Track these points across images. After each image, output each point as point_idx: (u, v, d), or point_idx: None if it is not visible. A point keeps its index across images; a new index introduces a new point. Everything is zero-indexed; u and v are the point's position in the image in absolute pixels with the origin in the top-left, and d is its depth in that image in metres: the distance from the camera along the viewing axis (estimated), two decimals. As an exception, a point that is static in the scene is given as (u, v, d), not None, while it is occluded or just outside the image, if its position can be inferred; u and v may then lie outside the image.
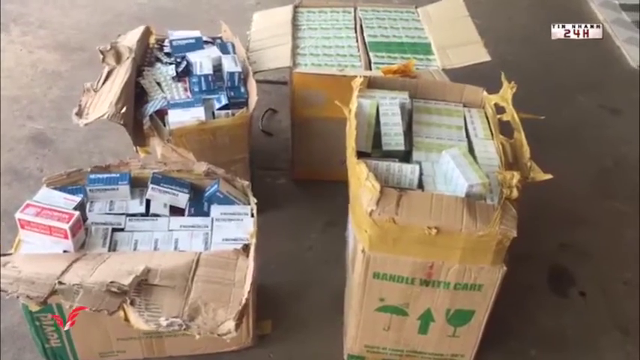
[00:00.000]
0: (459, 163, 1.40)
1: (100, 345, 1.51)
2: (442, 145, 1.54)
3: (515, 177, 1.35)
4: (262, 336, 1.67)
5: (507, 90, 1.56)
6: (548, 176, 1.42)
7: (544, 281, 1.90)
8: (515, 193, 1.35)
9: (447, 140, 1.56)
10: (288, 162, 2.23)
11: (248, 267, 1.34)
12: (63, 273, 1.25)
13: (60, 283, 1.21)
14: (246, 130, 1.84)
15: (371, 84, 1.68)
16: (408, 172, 1.41)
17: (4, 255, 1.33)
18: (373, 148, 1.54)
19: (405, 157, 1.53)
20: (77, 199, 1.44)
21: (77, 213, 1.37)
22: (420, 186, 1.43)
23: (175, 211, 1.58)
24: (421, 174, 1.43)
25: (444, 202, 1.32)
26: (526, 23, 3.22)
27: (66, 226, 1.34)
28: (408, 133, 1.57)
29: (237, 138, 1.83)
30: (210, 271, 1.33)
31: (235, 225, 1.52)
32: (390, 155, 1.51)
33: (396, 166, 1.41)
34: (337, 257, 1.87)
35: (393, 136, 1.52)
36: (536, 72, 2.75)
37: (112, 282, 1.23)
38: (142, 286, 1.26)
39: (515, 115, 1.52)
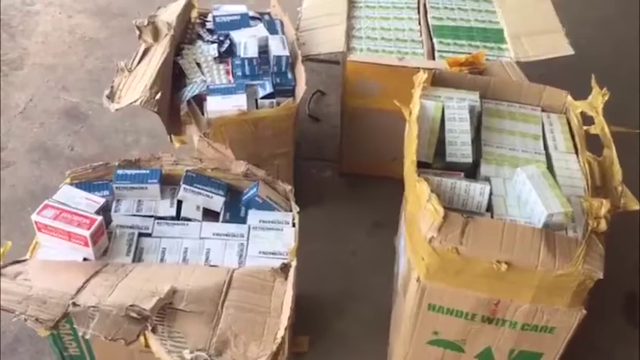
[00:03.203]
0: (537, 186, 1.19)
1: (121, 356, 1.38)
2: (516, 158, 1.33)
3: (604, 206, 1.14)
4: (298, 354, 1.52)
5: (598, 97, 1.34)
6: (644, 206, 1.20)
7: (617, 310, 1.69)
8: (603, 225, 1.14)
9: (521, 152, 1.35)
10: (335, 152, 2.05)
11: (286, 293, 1.17)
12: (79, 291, 1.11)
13: (74, 304, 1.07)
14: (292, 122, 1.66)
15: (435, 80, 1.47)
16: (476, 192, 1.21)
17: (18, 262, 1.19)
18: (434, 157, 1.35)
19: (472, 169, 1.33)
20: (100, 200, 1.29)
21: (99, 218, 1.23)
22: (489, 208, 1.23)
23: (208, 213, 1.42)
24: (490, 193, 1.24)
25: (517, 232, 1.13)
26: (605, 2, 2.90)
27: (86, 233, 1.20)
28: (476, 139, 1.37)
29: (281, 130, 1.65)
30: (244, 296, 1.17)
31: (274, 235, 1.35)
32: (455, 167, 1.31)
33: (462, 184, 1.22)
34: (384, 265, 1.70)
35: (460, 146, 1.32)
36: (615, 63, 2.45)
37: (132, 305, 1.08)
38: (166, 310, 1.11)
39: (606, 128, 1.30)
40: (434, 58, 1.75)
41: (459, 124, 1.34)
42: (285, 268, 1.24)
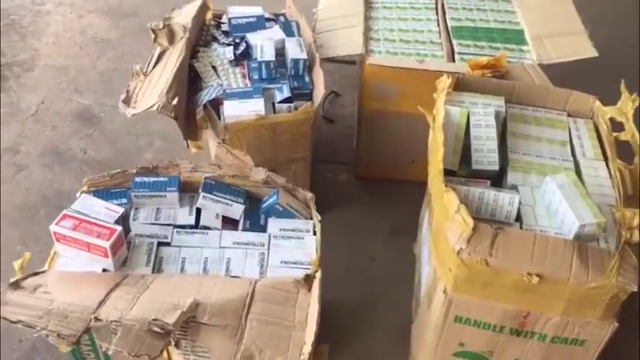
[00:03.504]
0: (568, 195, 1.16)
1: (141, 367, 1.36)
2: (543, 166, 1.30)
3: (637, 216, 1.12)
4: (318, 363, 1.49)
5: (628, 102, 1.31)
6: (676, 216, 1.17)
7: (636, 315, 1.65)
8: (636, 236, 1.11)
9: (548, 159, 1.32)
10: (351, 154, 2.02)
11: (310, 305, 1.15)
12: (100, 304, 1.09)
13: (96, 319, 1.05)
14: (310, 127, 1.63)
15: (458, 85, 1.44)
16: (505, 202, 1.18)
17: (37, 274, 1.17)
18: (460, 164, 1.32)
19: (498, 177, 1.30)
20: (120, 210, 1.26)
21: (119, 229, 1.20)
22: (517, 217, 1.20)
23: (227, 221, 1.39)
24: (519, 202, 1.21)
25: (549, 244, 1.10)
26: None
27: (106, 244, 1.18)
28: (502, 146, 1.34)
29: (299, 135, 1.62)
30: (267, 308, 1.14)
31: (295, 244, 1.33)
32: (480, 175, 1.28)
33: (491, 194, 1.19)
34: (404, 272, 1.68)
35: (486, 153, 1.29)
36: (634, 63, 2.41)
37: (154, 320, 1.06)
38: (189, 323, 1.09)
39: (637, 135, 1.27)
40: (454, 61, 1.72)
41: (484, 130, 1.31)
42: (308, 279, 1.21)
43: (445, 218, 1.14)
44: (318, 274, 1.18)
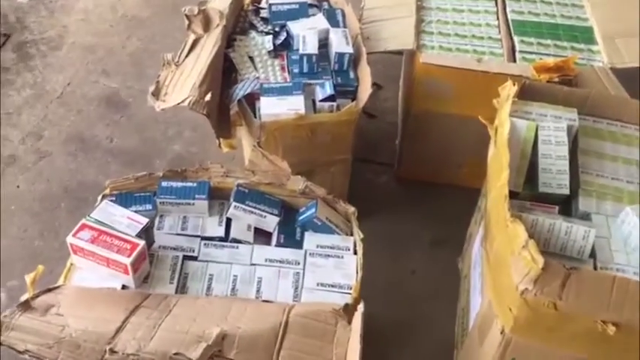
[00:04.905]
0: (652, 231, 1.01)
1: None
2: (619, 190, 1.15)
3: None
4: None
5: None
6: None
7: None
8: None
9: (625, 182, 1.17)
10: (392, 153, 1.87)
11: (350, 341, 1.02)
12: (117, 332, 0.98)
13: (111, 351, 0.94)
14: (353, 128, 1.49)
15: (524, 91, 1.28)
16: (579, 236, 1.03)
17: (51, 290, 1.06)
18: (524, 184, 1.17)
19: (567, 202, 1.15)
20: (144, 221, 1.14)
21: (142, 243, 1.09)
22: (591, 252, 1.05)
23: (259, 232, 1.27)
24: (592, 234, 1.06)
25: (629, 289, 0.95)
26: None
27: (127, 261, 1.06)
28: (572, 164, 1.18)
29: (340, 136, 1.49)
30: (302, 342, 1.02)
31: (333, 264, 1.20)
32: (547, 198, 1.13)
33: (563, 226, 1.04)
34: (447, 287, 1.55)
35: (555, 174, 1.14)
36: None
37: (176, 354, 0.95)
38: (214, 359, 0.97)
39: None
40: (514, 60, 1.55)
41: (555, 148, 1.15)
42: (347, 309, 1.08)
43: (509, 251, 1.00)
44: (361, 307, 1.05)
